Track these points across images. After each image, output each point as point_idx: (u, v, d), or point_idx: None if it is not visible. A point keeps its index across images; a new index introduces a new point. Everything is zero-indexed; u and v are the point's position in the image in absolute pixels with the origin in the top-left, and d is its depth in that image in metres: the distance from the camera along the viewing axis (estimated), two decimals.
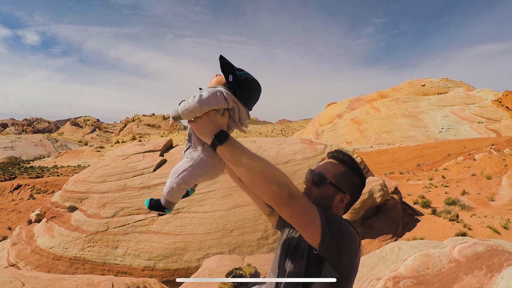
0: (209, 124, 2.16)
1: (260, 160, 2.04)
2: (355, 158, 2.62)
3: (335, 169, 2.38)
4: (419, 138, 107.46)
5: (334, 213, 2.29)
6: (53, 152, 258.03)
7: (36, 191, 67.14)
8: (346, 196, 2.34)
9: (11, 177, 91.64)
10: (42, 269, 13.74)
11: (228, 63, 2.26)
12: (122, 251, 13.60)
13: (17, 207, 54.64)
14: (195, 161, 2.32)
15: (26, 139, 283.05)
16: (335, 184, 2.32)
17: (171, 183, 2.40)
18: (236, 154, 2.08)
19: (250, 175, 2.02)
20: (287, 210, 1.95)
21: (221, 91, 2.19)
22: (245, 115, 2.32)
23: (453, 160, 51.30)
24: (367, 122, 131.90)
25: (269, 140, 20.02)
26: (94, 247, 13.83)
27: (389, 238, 15.24)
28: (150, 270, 13.03)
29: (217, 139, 2.12)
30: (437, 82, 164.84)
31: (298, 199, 1.96)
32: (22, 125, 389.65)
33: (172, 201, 2.47)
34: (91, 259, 13.67)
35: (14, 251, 15.42)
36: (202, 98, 2.13)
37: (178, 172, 2.38)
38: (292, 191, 1.94)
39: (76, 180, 17.63)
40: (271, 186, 1.93)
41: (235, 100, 2.23)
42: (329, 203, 2.32)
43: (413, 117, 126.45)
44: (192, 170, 2.32)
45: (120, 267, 13.30)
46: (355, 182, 2.39)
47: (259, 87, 2.30)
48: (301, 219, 1.99)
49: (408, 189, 30.29)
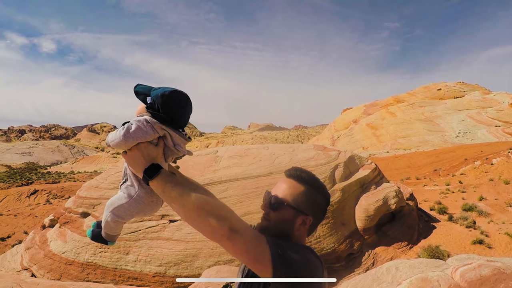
0: (139, 157, 2.02)
1: (197, 194, 1.86)
2: (316, 177, 2.33)
3: (293, 189, 2.15)
4: (436, 143, 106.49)
5: (296, 237, 2.12)
6: (70, 158, 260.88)
7: (53, 196, 67.80)
8: (308, 217, 2.12)
9: (28, 182, 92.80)
10: (55, 273, 13.76)
11: (143, 87, 2.10)
12: (133, 257, 13.56)
13: (33, 212, 55.12)
14: (132, 197, 2.14)
15: (43, 145, 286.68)
16: (294, 207, 2.09)
17: (106, 216, 2.24)
18: (168, 189, 1.91)
19: (185, 211, 1.85)
20: (230, 246, 1.78)
21: (147, 120, 2.01)
22: (179, 139, 2.11)
23: (470, 165, 50.60)
24: (383, 127, 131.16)
25: (282, 147, 19.86)
26: (106, 252, 13.81)
27: (404, 246, 14.99)
28: (161, 276, 12.97)
29: (147, 174, 1.97)
30: (453, 86, 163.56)
31: (241, 233, 1.78)
32: (40, 131, 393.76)
33: (111, 233, 2.34)
34: (102, 264, 13.65)
35: (28, 255, 15.48)
36: (127, 131, 1.98)
37: (113, 205, 2.21)
38: (234, 224, 1.78)
39: (89, 187, 17.67)
40: (209, 221, 1.77)
41: (163, 127, 2.04)
42: (290, 227, 2.11)
43: (430, 121, 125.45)
44: (128, 207, 2.16)
45: (131, 273, 13.26)
46: (317, 201, 2.17)
47: (182, 97, 2.07)
48: (247, 255, 1.78)
49: (425, 195, 29.91)
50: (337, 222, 14.47)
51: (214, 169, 16.42)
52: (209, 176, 15.79)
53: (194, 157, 18.51)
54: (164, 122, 2.02)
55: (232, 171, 16.07)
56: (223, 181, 15.38)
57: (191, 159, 18.14)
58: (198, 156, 18.51)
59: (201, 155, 18.66)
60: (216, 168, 16.51)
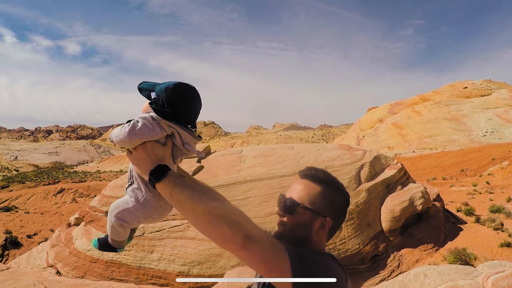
0: (145, 158, 1.90)
1: (208, 198, 1.73)
2: (333, 176, 2.12)
3: (308, 190, 1.97)
4: (463, 142, 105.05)
5: (316, 242, 1.94)
6: (96, 158, 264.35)
7: (79, 195, 68.79)
8: (327, 219, 1.93)
9: (55, 181, 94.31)
10: (79, 271, 13.91)
11: (148, 83, 1.98)
12: (157, 256, 13.61)
13: (59, 210, 55.92)
14: (139, 201, 2.00)
15: (70, 145, 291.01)
16: (310, 208, 1.92)
17: (111, 222, 2.10)
18: (176, 193, 1.77)
19: (194, 216, 1.70)
20: (244, 255, 1.60)
21: (153, 117, 1.89)
22: (189, 137, 1.96)
23: (498, 165, 49.71)
24: (408, 127, 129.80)
25: (307, 146, 19.75)
26: (130, 251, 13.90)
27: (430, 248, 14.74)
28: (184, 275, 12.99)
29: (153, 176, 1.84)
30: (479, 84, 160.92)
31: (257, 241, 1.60)
32: (66, 131, 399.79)
33: (119, 239, 2.20)
34: (126, 263, 13.73)
35: (53, 252, 15.71)
36: (133, 128, 1.86)
37: (118, 209, 2.07)
38: (250, 231, 1.61)
39: (114, 186, 17.82)
40: (222, 228, 1.61)
41: (170, 124, 1.89)
42: (308, 231, 1.93)
43: (456, 120, 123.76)
44: (134, 211, 2.02)
45: (155, 272, 13.32)
46: (336, 202, 1.99)
47: (188, 90, 1.94)
48: (264, 264, 1.60)
49: (451, 196, 29.49)
50: (362, 223, 14.30)
51: (239, 169, 16.42)
52: (234, 175, 15.77)
53: (219, 156, 18.55)
54: (170, 118, 1.88)
55: (257, 170, 16.04)
56: (248, 181, 15.34)
57: (216, 158, 18.17)
58: (223, 156, 18.54)
59: (226, 155, 18.68)
60: (241, 168, 16.51)
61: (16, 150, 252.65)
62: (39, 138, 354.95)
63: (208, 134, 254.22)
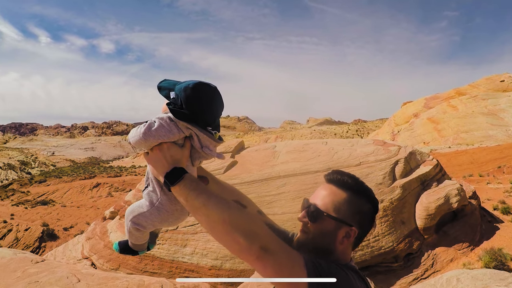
0: (161, 159, 1.85)
1: (224, 205, 1.67)
2: (361, 180, 1.93)
3: (333, 196, 1.85)
4: (500, 138, 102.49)
5: (340, 252, 1.83)
6: (131, 153, 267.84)
7: (114, 189, 70.00)
8: (352, 229, 1.81)
9: (91, 176, 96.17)
10: (114, 263, 14.14)
11: (168, 82, 1.93)
12: (191, 250, 13.71)
13: (95, 204, 57.07)
14: (154, 205, 1.97)
15: (105, 140, 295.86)
16: (335, 217, 1.80)
17: (128, 226, 2.08)
18: (191, 198, 1.73)
19: (209, 224, 1.68)
20: (259, 267, 1.57)
21: (171, 117, 1.85)
22: (208, 140, 1.92)
23: None
24: (444, 122, 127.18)
25: (341, 142, 19.57)
26: (164, 244, 14.04)
27: (465, 247, 14.43)
28: (217, 269, 13.06)
29: (168, 178, 1.79)
30: None
31: (273, 253, 1.56)
32: (102, 127, 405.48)
33: (138, 243, 2.18)
34: (160, 256, 13.89)
35: (88, 245, 16.03)
36: (148, 128, 1.82)
37: (133, 213, 2.05)
38: (266, 242, 1.57)
39: None
40: (237, 238, 1.57)
41: (188, 126, 1.85)
42: (332, 241, 1.82)
43: (493, 115, 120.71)
44: (149, 215, 1.99)
45: (188, 265, 13.44)
46: (363, 209, 1.85)
47: (207, 90, 1.88)
48: (280, 278, 1.55)
49: (488, 193, 28.81)
50: (396, 220, 14.10)
51: (272, 164, 16.38)
52: (267, 171, 15.75)
53: (252, 152, 18.57)
54: (188, 119, 1.83)
55: (290, 166, 15.96)
56: (281, 176, 15.30)
57: (249, 154, 18.18)
58: (256, 151, 18.55)
59: (260, 150, 18.71)
60: (274, 163, 16.46)
61: (53, 146, 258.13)
62: (75, 134, 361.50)
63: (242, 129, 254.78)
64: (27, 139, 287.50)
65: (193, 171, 1.98)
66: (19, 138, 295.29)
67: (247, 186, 15.04)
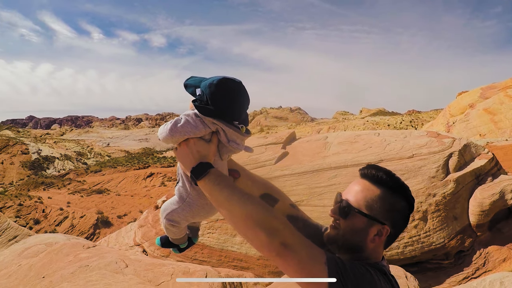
0: (188, 155, 1.89)
1: (246, 201, 1.67)
2: (397, 177, 1.82)
3: (366, 192, 1.81)
4: None
5: (370, 250, 1.80)
6: None
7: (167, 179, 71.48)
8: (384, 227, 1.76)
9: (145, 166, 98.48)
10: (164, 251, 14.37)
11: (195, 79, 1.97)
12: (240, 240, 13.79)
13: (149, 193, 58.43)
14: (185, 200, 2.04)
15: None
16: (367, 214, 1.76)
17: (164, 224, 2.16)
18: (215, 193, 1.76)
19: (232, 218, 1.69)
20: (280, 263, 1.56)
21: (197, 113, 1.88)
22: (234, 134, 1.94)
23: None
24: (501, 112, 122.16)
25: (394, 133, 19.16)
26: (214, 233, 14.20)
27: None
28: (265, 260, 13.09)
29: (194, 173, 1.83)
30: None
31: (294, 251, 1.54)
32: (155, 119, 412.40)
33: (177, 237, 2.25)
34: (210, 245, 14.06)
35: (141, 232, 16.39)
36: (175, 125, 1.88)
37: (167, 211, 2.13)
38: (287, 239, 1.55)
39: None
40: (258, 233, 1.57)
41: (214, 122, 1.88)
42: (363, 238, 1.78)
43: None
44: (181, 211, 2.06)
45: (237, 255, 13.55)
46: (397, 207, 1.79)
47: (232, 85, 1.90)
48: (300, 275, 1.53)
49: None
50: (449, 215, 13.70)
51: (323, 155, 16.26)
52: (319, 162, 15.67)
53: (304, 143, 18.48)
54: (214, 115, 1.86)
55: (342, 157, 15.80)
56: (333, 168, 15.18)
57: (301, 145, 18.10)
58: (307, 142, 18.44)
59: (311, 141, 18.57)
60: (326, 155, 16.33)
61: (108, 137, 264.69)
62: (130, 126, 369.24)
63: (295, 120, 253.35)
64: (83, 131, 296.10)
65: (222, 165, 2.02)
66: (75, 130, 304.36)
67: (298, 177, 15.03)
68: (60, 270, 8.28)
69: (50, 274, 8.16)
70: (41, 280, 7.96)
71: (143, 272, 8.40)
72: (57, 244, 10.38)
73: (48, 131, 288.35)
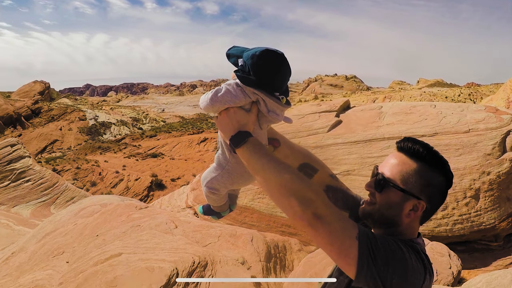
0: (228, 123, 1.90)
1: (281, 170, 1.68)
2: (435, 150, 1.71)
3: (402, 166, 1.77)
4: None
5: (405, 225, 1.79)
6: None
7: None
8: (420, 202, 1.73)
9: (199, 131, 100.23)
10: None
11: (237, 49, 1.98)
12: None
13: (202, 158, 59.55)
14: (224, 168, 2.08)
15: None
16: (402, 188, 1.73)
17: (205, 192, 2.19)
18: (252, 161, 1.78)
19: (267, 187, 1.70)
20: (312, 234, 1.55)
21: (238, 83, 1.89)
22: (274, 105, 1.93)
23: None
24: None
25: (450, 105, 18.56)
26: (263, 199, 14.30)
27: None
28: None
29: (233, 141, 1.85)
30: None
31: (326, 222, 1.52)
32: (210, 85, 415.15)
33: (218, 205, 2.28)
34: (259, 210, 14.22)
35: (192, 195, 16.69)
36: (215, 94, 1.89)
37: (207, 179, 2.16)
38: (320, 209, 1.53)
39: None
40: (292, 202, 1.57)
41: (255, 91, 1.88)
42: (398, 213, 1.76)
43: None
44: (221, 178, 2.09)
45: (285, 221, 13.57)
46: (434, 182, 1.74)
47: (275, 57, 1.87)
48: (330, 247, 1.53)
49: None
50: (502, 196, 13.17)
51: (377, 125, 15.97)
52: (372, 132, 15.42)
53: (358, 112, 18.22)
54: (255, 85, 1.87)
55: (396, 128, 15.51)
56: (386, 138, 14.92)
57: (355, 113, 17.84)
58: (362, 111, 18.18)
59: (365, 110, 18.32)
60: (380, 125, 16.04)
61: (163, 103, 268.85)
62: (184, 92, 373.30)
63: (350, 88, 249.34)
64: (138, 98, 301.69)
65: (261, 134, 2.04)
66: (131, 97, 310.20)
67: (350, 146, 14.91)
68: (113, 229, 8.66)
69: (104, 233, 8.55)
70: (94, 238, 8.34)
71: (192, 233, 8.65)
72: (111, 205, 10.82)
73: (105, 98, 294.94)
